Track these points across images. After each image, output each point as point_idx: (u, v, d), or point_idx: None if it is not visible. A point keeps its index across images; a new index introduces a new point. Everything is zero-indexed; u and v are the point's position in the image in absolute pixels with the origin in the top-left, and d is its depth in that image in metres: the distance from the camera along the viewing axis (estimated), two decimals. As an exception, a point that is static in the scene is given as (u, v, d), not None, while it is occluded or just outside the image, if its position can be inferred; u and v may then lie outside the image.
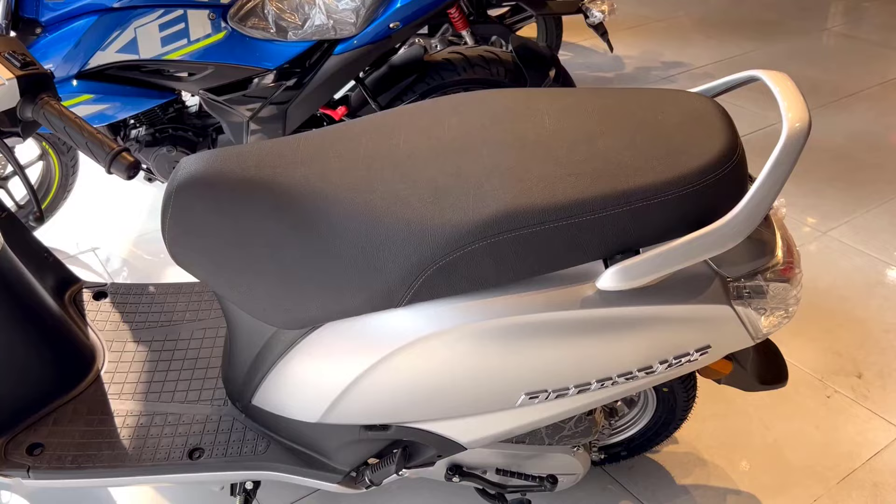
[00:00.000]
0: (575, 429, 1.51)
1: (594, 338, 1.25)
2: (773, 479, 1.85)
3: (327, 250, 1.22)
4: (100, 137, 1.13)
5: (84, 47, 2.04)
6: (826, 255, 2.65)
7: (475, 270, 1.19)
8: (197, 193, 1.28)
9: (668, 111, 1.31)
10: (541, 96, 1.39)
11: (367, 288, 1.21)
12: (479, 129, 1.32)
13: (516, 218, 1.16)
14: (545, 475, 1.56)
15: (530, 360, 1.26)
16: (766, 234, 1.33)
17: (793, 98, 1.20)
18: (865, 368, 2.17)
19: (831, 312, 2.38)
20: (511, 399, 1.30)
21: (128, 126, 2.40)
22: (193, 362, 1.69)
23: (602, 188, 1.18)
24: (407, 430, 1.38)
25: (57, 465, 1.49)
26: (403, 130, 1.34)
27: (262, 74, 2.23)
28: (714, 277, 1.26)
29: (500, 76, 2.39)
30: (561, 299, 1.22)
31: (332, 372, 1.31)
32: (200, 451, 1.51)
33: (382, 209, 1.21)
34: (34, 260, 1.74)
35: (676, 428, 1.75)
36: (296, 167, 1.29)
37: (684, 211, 1.19)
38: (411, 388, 1.29)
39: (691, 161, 1.21)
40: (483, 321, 1.22)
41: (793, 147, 1.15)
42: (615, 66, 4.25)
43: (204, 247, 1.30)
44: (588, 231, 1.18)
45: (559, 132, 1.29)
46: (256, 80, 2.24)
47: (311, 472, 1.47)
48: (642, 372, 1.30)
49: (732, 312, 1.27)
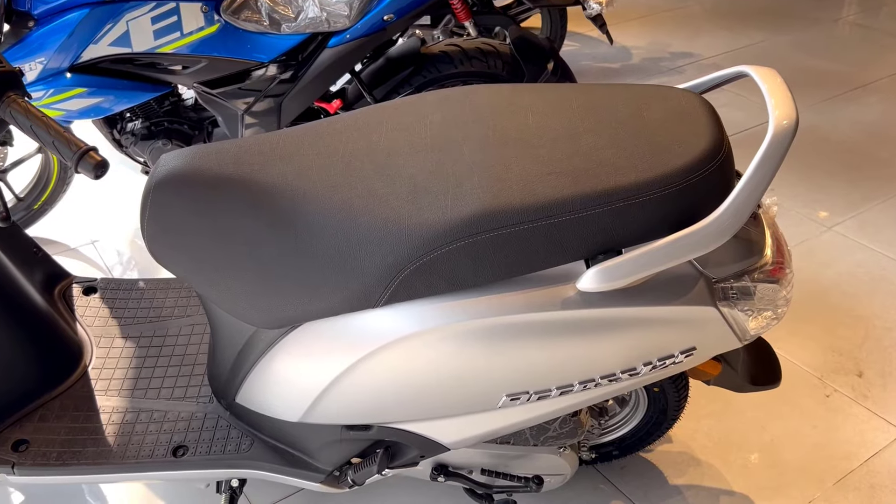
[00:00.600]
0: (560, 430, 1.49)
1: (576, 339, 1.23)
2: (768, 479, 1.83)
3: (304, 249, 1.21)
4: (67, 136, 1.12)
5: (76, 40, 2.03)
6: (830, 251, 2.60)
7: (453, 271, 1.17)
8: (175, 191, 1.26)
9: (654, 108, 1.28)
10: (525, 92, 1.36)
11: (344, 288, 1.20)
12: (461, 125, 1.30)
13: (494, 218, 1.14)
14: (531, 476, 1.54)
15: (511, 362, 1.24)
16: (755, 234, 1.30)
17: (781, 95, 1.17)
18: (866, 367, 2.14)
19: (833, 309, 2.34)
20: (492, 400, 1.29)
21: (124, 119, 2.39)
22: (180, 359, 1.68)
23: (582, 188, 1.15)
24: (389, 431, 1.37)
25: (42, 462, 1.49)
26: (385, 127, 1.32)
27: (256, 67, 2.21)
28: (699, 278, 1.23)
29: (498, 69, 2.36)
30: (541, 300, 1.20)
31: (311, 372, 1.30)
32: (184, 448, 1.50)
33: (360, 208, 1.19)
34: (22, 255, 1.73)
35: (669, 428, 1.73)
36: (274, 164, 1.27)
37: (667, 211, 1.17)
38: (391, 389, 1.28)
39: (675, 159, 1.18)
40: (462, 322, 1.20)
41: (779, 145, 1.12)
42: (622, 57, 4.20)
43: (182, 245, 1.28)
44: (567, 231, 1.16)
45: (542, 129, 1.27)
46: (251, 74, 2.23)
47: (294, 472, 1.46)
48: (626, 374, 1.28)
49: (718, 314, 1.24)
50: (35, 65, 2.04)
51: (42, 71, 2.05)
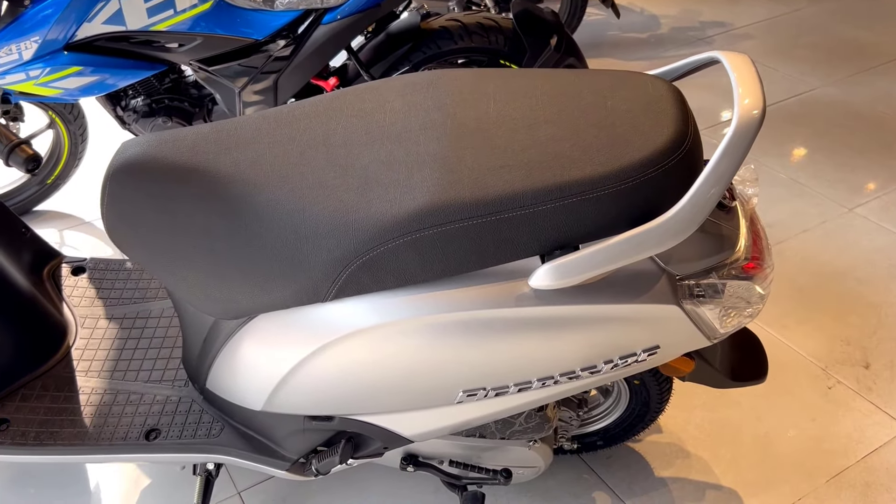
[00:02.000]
0: (526, 424, 1.46)
1: (531, 336, 1.19)
2: (758, 474, 1.77)
3: (253, 241, 1.19)
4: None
5: (69, 18, 2.03)
6: (847, 234, 2.50)
7: (400, 266, 1.14)
8: (131, 180, 1.26)
9: (620, 96, 1.22)
10: (490, 78, 1.32)
11: (293, 282, 1.18)
12: (420, 113, 1.26)
13: (441, 213, 1.11)
14: (500, 469, 1.52)
15: (465, 358, 1.21)
16: (726, 229, 1.24)
17: (750, 83, 1.10)
18: (874, 359, 2.05)
19: (845, 296, 2.25)
20: (449, 396, 1.26)
21: (126, 96, 2.40)
22: (161, 341, 1.69)
23: (534, 182, 1.11)
24: (350, 422, 1.35)
25: (20, 442, 1.52)
26: (344, 114, 1.29)
27: (252, 45, 2.18)
28: (661, 275, 1.18)
29: (499, 45, 2.29)
30: (494, 297, 1.17)
31: (267, 363, 1.29)
32: (157, 432, 1.51)
33: (309, 199, 1.17)
34: (9, 236, 1.75)
35: (653, 420, 1.68)
36: (229, 153, 1.25)
37: (624, 206, 1.12)
38: (347, 382, 1.26)
39: (633, 153, 1.12)
40: (413, 318, 1.17)
41: (743, 136, 1.06)
42: (651, 27, 4.07)
43: (139, 234, 1.28)
44: (518, 227, 1.11)
45: (502, 118, 1.22)
46: (247, 51, 2.20)
47: (261, 459, 1.46)
48: (586, 371, 1.24)
49: (681, 313, 1.19)
50: (30, 43, 2.05)
51: (38, 49, 2.06)
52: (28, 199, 2.75)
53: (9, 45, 2.04)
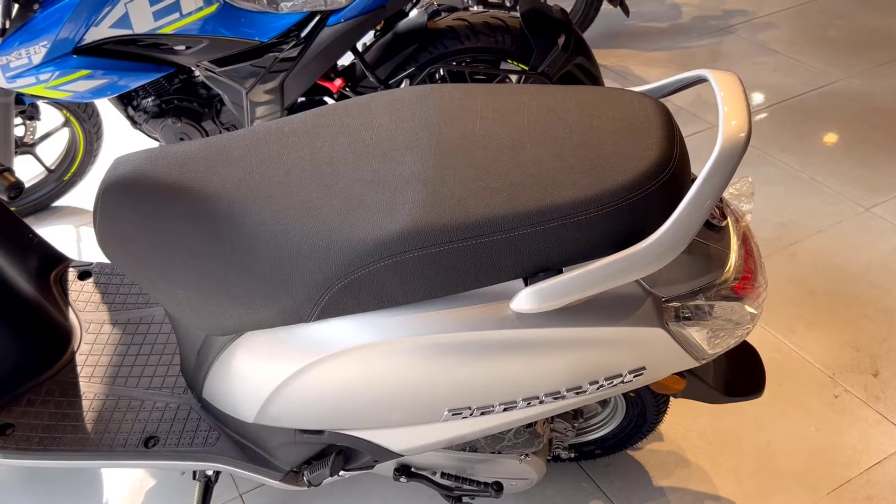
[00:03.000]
0: (515, 440, 1.47)
1: (515, 358, 1.19)
2: (758, 484, 1.76)
3: (238, 262, 1.20)
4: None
5: (77, 23, 2.05)
6: (863, 234, 2.45)
7: (381, 289, 1.14)
8: (122, 196, 1.27)
9: (606, 116, 1.21)
10: (480, 95, 1.30)
11: (277, 302, 1.19)
12: (407, 131, 1.26)
13: (422, 236, 1.11)
14: (490, 481, 1.52)
15: (449, 378, 1.21)
16: (714, 249, 1.23)
17: (737, 104, 1.08)
18: (884, 366, 2.02)
19: (857, 300, 2.21)
20: (435, 414, 1.27)
21: (138, 96, 2.42)
22: (162, 347, 1.72)
23: (516, 205, 1.10)
24: (340, 436, 1.37)
25: (24, 446, 1.55)
26: (331, 131, 1.29)
27: (258, 47, 2.19)
28: (646, 298, 1.17)
29: (506, 44, 2.27)
30: (477, 319, 1.17)
31: (256, 378, 1.30)
32: (156, 439, 1.54)
33: (293, 220, 1.17)
34: (17, 242, 1.78)
35: (651, 430, 1.67)
36: (216, 172, 1.26)
37: (606, 230, 1.11)
38: (333, 399, 1.27)
39: (616, 176, 1.11)
40: (396, 339, 1.18)
41: (728, 158, 1.04)
42: (671, 15, 4.00)
43: (130, 249, 1.29)
44: (499, 250, 1.11)
45: (487, 138, 1.21)
46: (253, 53, 2.21)
47: (255, 468, 1.48)
48: (571, 392, 1.23)
49: (666, 335, 1.18)
50: (40, 48, 2.07)
51: (47, 53, 2.08)
52: (45, 195, 2.80)
53: (19, 50, 2.07)
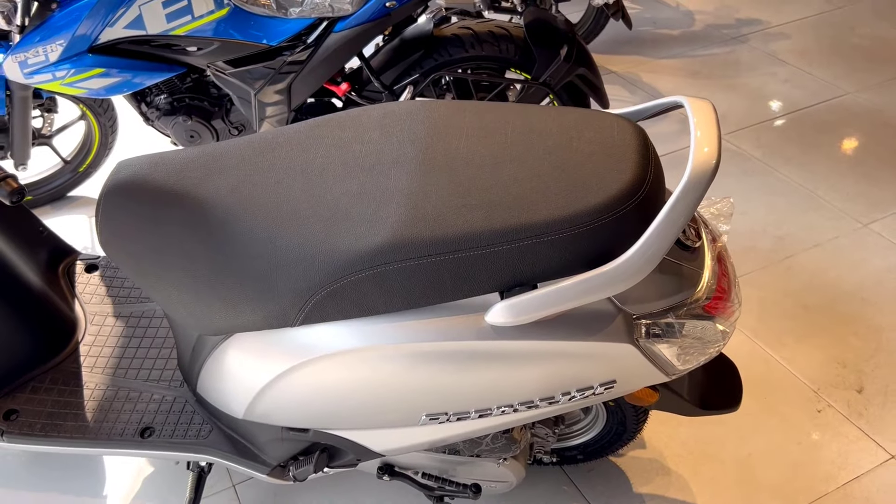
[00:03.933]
0: (493, 444, 1.52)
1: (489, 368, 1.24)
2: (735, 496, 1.80)
3: (229, 266, 1.26)
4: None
5: (93, 23, 2.12)
6: (859, 251, 2.47)
7: (362, 298, 1.20)
8: (123, 199, 1.33)
9: (585, 138, 1.25)
10: (467, 112, 1.35)
11: (263, 307, 1.25)
12: (395, 146, 1.31)
13: (402, 249, 1.16)
14: (469, 483, 1.58)
15: (426, 385, 1.26)
16: (687, 269, 1.27)
17: (709, 131, 1.13)
18: (869, 383, 2.05)
19: (848, 316, 2.24)
20: (413, 418, 1.32)
21: (151, 94, 2.49)
22: (162, 342, 1.78)
23: (492, 223, 1.15)
24: (324, 435, 1.43)
25: (27, 432, 1.63)
26: (324, 144, 1.34)
27: (266, 50, 2.25)
28: (617, 315, 1.22)
29: (510, 53, 2.31)
30: (454, 329, 1.22)
31: (245, 377, 1.36)
32: (151, 430, 1.61)
33: (281, 228, 1.23)
34: (28, 235, 1.85)
35: (631, 438, 1.72)
36: (212, 178, 1.32)
37: (579, 249, 1.15)
38: (316, 400, 1.33)
39: (590, 197, 1.16)
40: (376, 345, 1.23)
41: (697, 184, 1.09)
42: (684, 23, 4.02)
43: (129, 251, 1.36)
44: (475, 265, 1.16)
45: (470, 155, 1.26)
46: (262, 56, 2.26)
47: (244, 461, 1.55)
48: (545, 402, 1.28)
49: (635, 351, 1.23)
50: (56, 46, 2.14)
51: (63, 51, 2.15)
52: (61, 186, 2.88)
53: (37, 47, 2.14)
